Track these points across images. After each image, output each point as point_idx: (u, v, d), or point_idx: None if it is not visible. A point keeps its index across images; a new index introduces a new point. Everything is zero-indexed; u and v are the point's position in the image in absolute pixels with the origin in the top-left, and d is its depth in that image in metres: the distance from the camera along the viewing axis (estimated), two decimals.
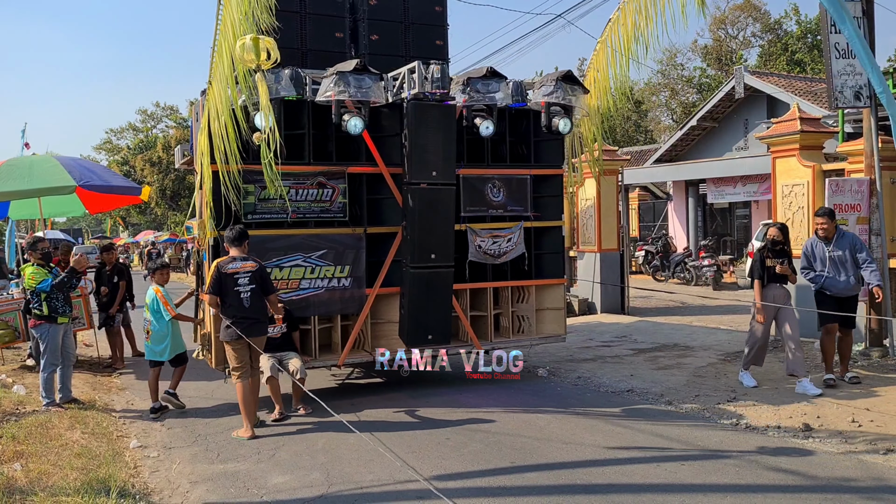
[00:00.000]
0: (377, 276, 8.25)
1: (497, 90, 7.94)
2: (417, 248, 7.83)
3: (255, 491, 5.47)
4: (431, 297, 7.98)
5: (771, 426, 6.61)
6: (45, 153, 11.80)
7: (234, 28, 6.70)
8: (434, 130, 7.74)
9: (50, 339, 8.03)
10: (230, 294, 6.83)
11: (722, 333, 11.38)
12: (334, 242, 8.08)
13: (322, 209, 8.11)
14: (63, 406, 7.85)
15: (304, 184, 7.99)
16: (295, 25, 8.31)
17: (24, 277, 8.14)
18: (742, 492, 5.12)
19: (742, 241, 22.96)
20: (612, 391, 8.21)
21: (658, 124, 50.06)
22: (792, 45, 36.45)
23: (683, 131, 24.11)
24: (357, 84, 7.25)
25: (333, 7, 8.56)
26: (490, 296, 8.94)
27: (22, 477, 5.58)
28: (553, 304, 9.27)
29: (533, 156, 9.14)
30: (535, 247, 9.16)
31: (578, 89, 8.35)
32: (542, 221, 9.20)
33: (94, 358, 10.99)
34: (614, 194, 14.43)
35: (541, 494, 5.15)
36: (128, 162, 53.11)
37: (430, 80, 7.52)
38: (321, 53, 8.33)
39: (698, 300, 15.92)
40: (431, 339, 7.98)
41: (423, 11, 8.97)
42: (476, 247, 8.70)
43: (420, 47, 8.85)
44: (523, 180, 9.05)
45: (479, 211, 8.82)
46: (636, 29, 8.46)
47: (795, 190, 10.35)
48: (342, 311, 8.27)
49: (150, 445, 6.75)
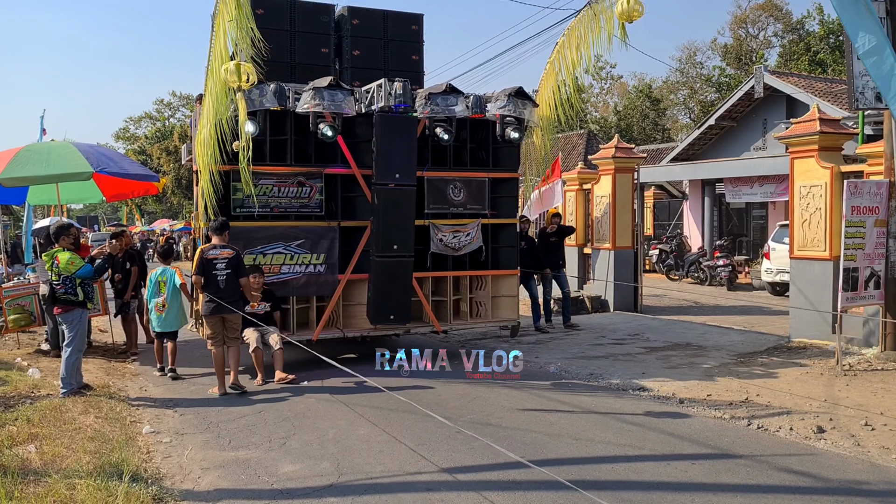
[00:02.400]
0: (349, 263, 9.49)
1: (455, 104, 9.04)
2: (382, 239, 9.01)
3: (265, 479, 5.51)
4: (393, 282, 9.18)
5: (783, 427, 6.57)
6: (62, 140, 11.86)
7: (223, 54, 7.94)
8: (397, 139, 8.94)
9: (80, 324, 8.16)
10: (209, 276, 8.09)
11: (735, 334, 11.33)
12: (311, 233, 9.31)
13: (301, 204, 9.37)
14: (85, 392, 7.92)
15: (285, 182, 9.25)
16: (285, 42, 9.54)
17: (56, 263, 8.04)
18: (752, 492, 5.10)
19: (758, 242, 22.78)
20: (623, 389, 8.20)
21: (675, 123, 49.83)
22: (815, 44, 36.12)
23: (701, 130, 23.94)
24: (330, 98, 8.44)
25: (319, 25, 9.77)
26: (450, 283, 10.17)
27: (36, 458, 5.64)
28: (507, 292, 10.50)
29: (491, 160, 10.36)
30: (492, 241, 10.39)
31: (529, 103, 9.45)
32: (499, 219, 10.42)
33: (109, 344, 11.08)
34: (630, 192, 14.38)
35: (550, 490, 5.15)
36: (144, 151, 53.44)
37: (394, 95, 8.66)
38: (308, 66, 9.50)
39: (712, 300, 15.85)
40: (393, 318, 9.30)
41: (401, 30, 10.21)
42: (438, 240, 9.92)
43: (398, 62, 10.08)
44: (482, 182, 10.28)
45: (442, 208, 10.04)
46: (578, 52, 9.56)
47: (813, 191, 10.26)
48: (317, 294, 9.48)
49: (162, 431, 6.81)
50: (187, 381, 8.91)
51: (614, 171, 14.11)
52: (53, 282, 8.04)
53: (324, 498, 5.09)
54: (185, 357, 10.50)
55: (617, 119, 46.14)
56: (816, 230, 10.21)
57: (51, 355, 10.02)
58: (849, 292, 8.74)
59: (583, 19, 9.36)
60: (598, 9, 9.02)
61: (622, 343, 10.76)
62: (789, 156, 10.80)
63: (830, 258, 9.96)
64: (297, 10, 9.68)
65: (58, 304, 8.10)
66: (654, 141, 41.09)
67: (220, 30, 8.05)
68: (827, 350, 9.55)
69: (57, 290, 8.05)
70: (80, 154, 10.12)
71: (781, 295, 15.60)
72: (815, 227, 10.23)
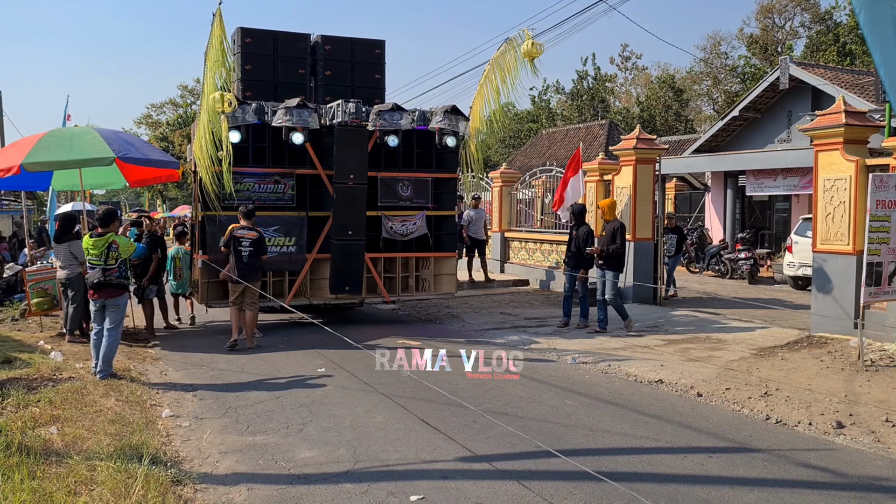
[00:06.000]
0: (314, 245, 11.49)
1: (400, 118, 11.28)
2: (339, 226, 11.19)
3: (283, 464, 5.55)
4: (348, 260, 11.29)
5: (802, 422, 6.52)
6: (86, 125, 11.95)
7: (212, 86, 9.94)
8: (352, 147, 11.08)
9: (126, 308, 8.39)
10: (235, 250, 9.90)
11: (755, 328, 11.23)
12: (285, 221, 11.27)
13: (277, 198, 11.38)
14: (118, 375, 8.03)
15: (264, 180, 11.30)
16: (269, 64, 11.86)
17: (115, 247, 8.06)
18: (770, 486, 5.07)
19: (781, 236, 22.56)
20: (641, 381, 8.17)
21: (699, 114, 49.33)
22: (843, 35, 35.57)
23: (724, 121, 23.71)
24: (298, 114, 10.71)
25: (297, 51, 12.03)
26: (399, 263, 12.25)
27: (58, 440, 5.72)
28: (447, 270, 12.63)
29: (434, 163, 12.38)
30: (434, 229, 12.40)
31: (461, 118, 11.63)
32: (440, 211, 12.49)
33: (130, 328, 11.20)
34: (651, 183, 14.26)
35: (566, 480, 5.15)
36: (166, 137, 53.75)
37: (348, 112, 10.90)
38: (288, 85, 11.83)
39: (732, 293, 15.72)
40: (348, 290, 11.40)
41: (366, 54, 12.45)
42: (388, 228, 11.93)
43: (363, 80, 12.32)
44: (426, 181, 12.34)
45: (392, 202, 12.03)
46: (502, 76, 11.46)
47: (837, 184, 10.14)
48: (289, 269, 11.50)
49: (182, 415, 6.88)
50: (206, 367, 8.99)
51: (635, 162, 14.00)
52: (108, 266, 8.10)
53: (340, 484, 5.13)
54: (206, 343, 10.62)
55: (639, 110, 45.78)
56: (840, 224, 10.08)
57: (67, 340, 10.15)
58: (872, 287, 8.63)
59: (505, 52, 11.34)
60: (514, 45, 11.13)
61: (640, 335, 10.71)
62: (814, 148, 10.66)
63: (854, 252, 9.84)
64: (278, 38, 11.90)
65: (111, 288, 8.14)
66: (676, 132, 40.72)
67: (209, 66, 9.99)
68: (848, 345, 9.45)
69: (111, 275, 8.12)
70: (103, 140, 10.19)
71: (803, 289, 15.44)
72: (838, 220, 10.11)
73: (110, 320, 8.13)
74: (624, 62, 51.26)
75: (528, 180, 19.47)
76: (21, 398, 6.74)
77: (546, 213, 19.39)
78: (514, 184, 19.62)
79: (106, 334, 8.06)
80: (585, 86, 47.02)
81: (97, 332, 8.16)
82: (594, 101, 46.52)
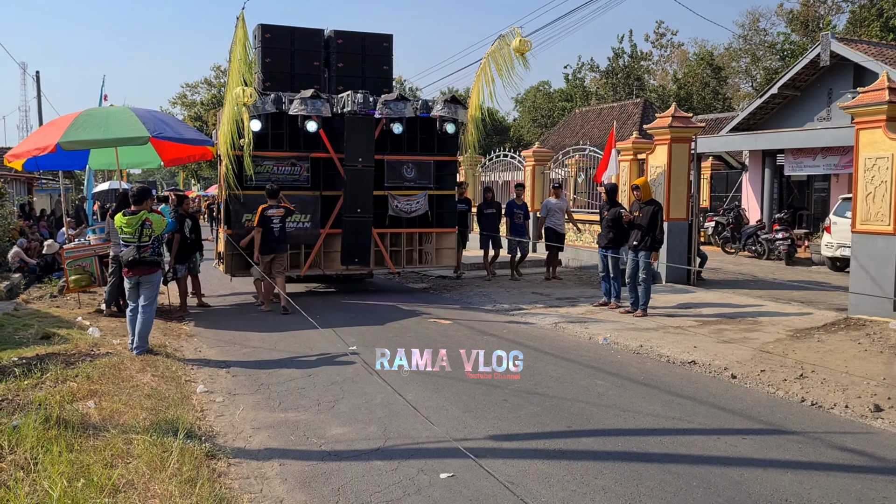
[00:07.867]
0: (327, 221, 12.72)
1: (405, 107, 12.70)
2: (349, 204, 12.46)
3: (314, 440, 5.60)
4: (358, 235, 12.55)
5: (838, 405, 6.41)
6: (122, 105, 12.08)
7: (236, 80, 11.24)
8: (361, 134, 12.38)
9: (159, 284, 8.54)
10: (266, 227, 10.99)
11: (792, 309, 11.05)
12: (301, 200, 12.32)
13: (294, 179, 12.54)
14: (153, 351, 8.18)
15: (282, 163, 12.47)
16: (287, 58, 13.21)
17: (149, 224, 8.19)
18: (804, 469, 5.00)
19: (819, 216, 22.11)
20: (674, 362, 8.09)
21: (737, 91, 48.41)
22: (888, 10, 34.54)
23: (763, 99, 23.21)
24: (312, 104, 12.10)
25: (312, 45, 13.38)
26: (404, 238, 13.50)
27: (95, 414, 5.83)
28: (448, 245, 13.89)
29: (437, 147, 13.56)
30: (436, 207, 13.68)
31: (460, 107, 13.20)
32: (441, 191, 13.68)
33: (165, 305, 11.37)
34: (686, 162, 14.04)
35: (596, 460, 5.13)
36: (201, 117, 54.16)
37: (357, 102, 12.26)
38: (304, 75, 13.15)
39: (769, 274, 15.48)
40: (357, 261, 12.66)
41: (375, 47, 13.80)
42: (394, 206, 13.16)
43: (373, 71, 13.68)
44: (428, 164, 13.50)
45: (397, 183, 13.23)
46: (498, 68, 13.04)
47: (879, 163, 9.88)
48: (305, 243, 12.69)
49: (215, 391, 6.98)
50: (240, 345, 9.10)
51: (670, 141, 13.78)
52: (142, 243, 8.21)
53: (370, 461, 5.16)
54: (240, 321, 10.75)
55: (676, 88, 45.04)
56: (881, 204, 9.85)
57: (105, 314, 10.32)
58: None
59: (500, 47, 12.91)
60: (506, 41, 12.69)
61: (673, 316, 10.60)
62: (855, 126, 10.40)
63: (894, 233, 9.61)
64: (295, 34, 13.21)
65: (145, 265, 8.26)
66: (714, 110, 40.01)
67: (234, 63, 11.22)
68: (888, 327, 9.26)
69: (145, 252, 8.23)
70: (138, 119, 10.30)
71: (841, 270, 15.15)
72: (879, 200, 9.87)
73: (145, 297, 8.25)
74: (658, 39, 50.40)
75: (561, 159, 19.30)
76: (60, 373, 6.88)
77: (579, 192, 19.23)
78: (547, 163, 19.52)
79: (141, 311, 8.19)
80: (621, 64, 46.36)
81: (132, 310, 8.29)
82: (629, 79, 45.88)
